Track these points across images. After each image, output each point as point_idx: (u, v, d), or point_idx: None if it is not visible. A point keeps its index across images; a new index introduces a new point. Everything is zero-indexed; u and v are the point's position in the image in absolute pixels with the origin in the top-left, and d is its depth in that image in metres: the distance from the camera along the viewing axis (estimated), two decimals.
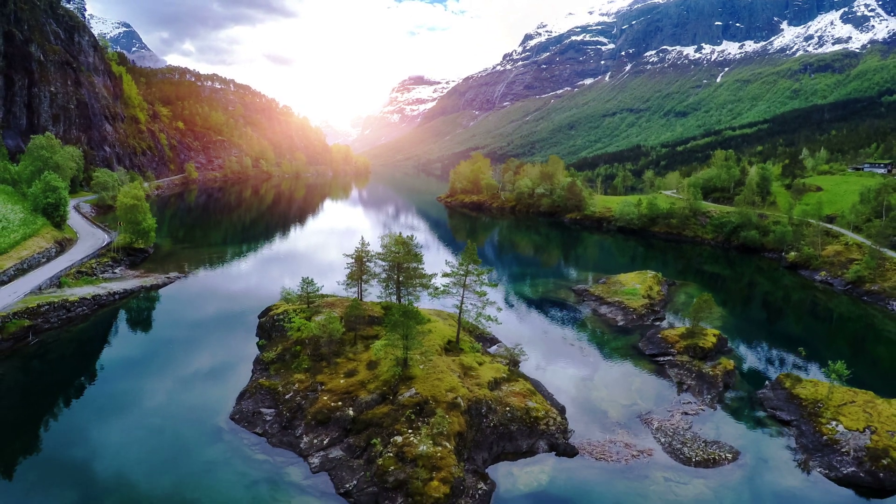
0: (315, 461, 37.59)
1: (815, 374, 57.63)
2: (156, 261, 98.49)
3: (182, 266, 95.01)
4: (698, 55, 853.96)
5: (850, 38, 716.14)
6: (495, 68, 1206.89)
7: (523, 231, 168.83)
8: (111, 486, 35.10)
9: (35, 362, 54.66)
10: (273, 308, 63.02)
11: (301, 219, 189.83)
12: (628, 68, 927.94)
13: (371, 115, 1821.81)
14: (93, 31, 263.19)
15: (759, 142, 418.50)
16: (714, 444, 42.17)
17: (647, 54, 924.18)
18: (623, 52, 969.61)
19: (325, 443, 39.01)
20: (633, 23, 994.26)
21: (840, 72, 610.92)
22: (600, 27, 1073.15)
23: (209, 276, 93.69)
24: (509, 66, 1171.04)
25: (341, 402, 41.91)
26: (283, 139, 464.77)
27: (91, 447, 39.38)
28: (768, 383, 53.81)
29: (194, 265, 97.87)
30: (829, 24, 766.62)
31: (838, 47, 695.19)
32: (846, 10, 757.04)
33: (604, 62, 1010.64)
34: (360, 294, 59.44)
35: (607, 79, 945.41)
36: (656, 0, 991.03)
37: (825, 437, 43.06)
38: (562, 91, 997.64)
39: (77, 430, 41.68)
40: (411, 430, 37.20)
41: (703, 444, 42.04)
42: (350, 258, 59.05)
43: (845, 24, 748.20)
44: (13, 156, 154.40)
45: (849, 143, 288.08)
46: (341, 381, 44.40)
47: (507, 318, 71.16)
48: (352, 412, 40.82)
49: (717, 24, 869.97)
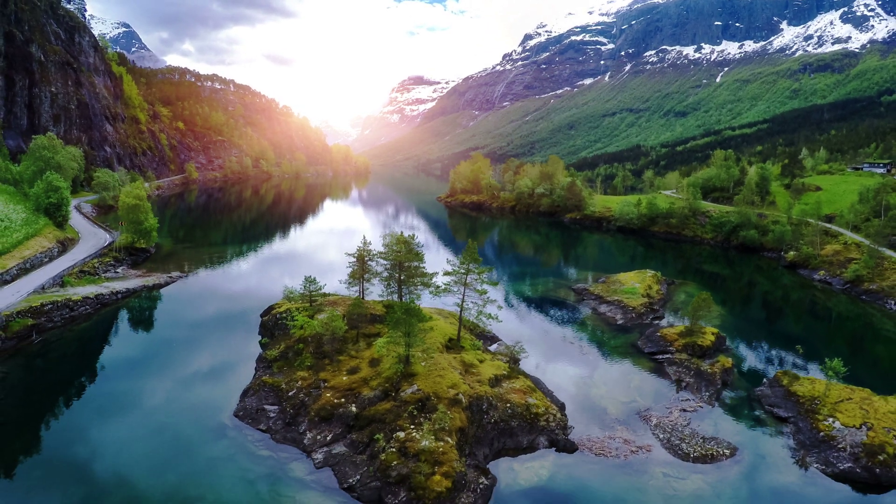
0: (319, 457, 38.05)
1: (812, 371, 57.95)
2: (157, 260, 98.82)
3: (183, 266, 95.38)
4: (698, 55, 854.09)
5: (849, 37, 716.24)
6: (495, 68, 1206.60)
7: (523, 231, 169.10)
8: (116, 482, 35.35)
9: (39, 361, 54.86)
10: (275, 307, 63.52)
11: (301, 219, 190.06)
12: (628, 68, 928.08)
13: (371, 115, 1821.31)
14: (93, 31, 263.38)
15: (759, 142, 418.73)
16: (712, 441, 42.63)
17: (647, 54, 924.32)
18: (623, 52, 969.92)
19: (329, 439, 39.48)
20: (633, 23, 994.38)
21: (839, 72, 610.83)
22: (600, 27, 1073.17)
23: (210, 275, 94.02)
24: (509, 66, 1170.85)
25: (344, 399, 42.39)
26: (283, 139, 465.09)
27: (95, 445, 39.61)
28: (766, 381, 54.15)
29: (195, 265, 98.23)
30: (829, 23, 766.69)
31: (838, 47, 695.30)
32: (846, 9, 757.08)
33: (603, 62, 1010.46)
34: (361, 293, 59.89)
35: (607, 79, 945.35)
36: (656, 0, 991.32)
37: (822, 434, 43.47)
38: (561, 91, 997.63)
39: (81, 428, 41.85)
40: (413, 426, 37.68)
41: (701, 441, 42.50)
42: (352, 257, 59.49)
43: (845, 23, 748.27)
44: (14, 156, 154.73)
45: (848, 142, 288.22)
46: (344, 378, 44.90)
47: (508, 317, 71.70)
48: (355, 408, 41.32)
49: (716, 24, 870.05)
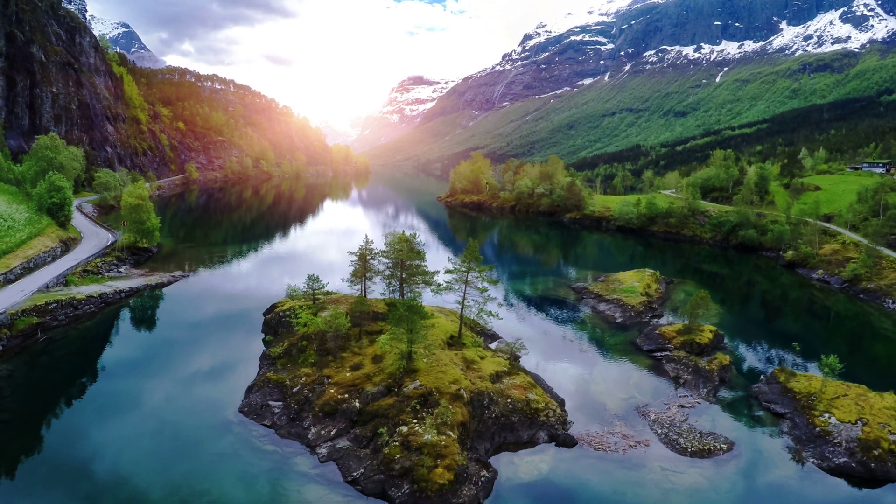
0: (323, 451, 38.67)
1: (810, 369, 58.17)
2: (159, 260, 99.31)
3: (185, 265, 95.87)
4: (697, 55, 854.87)
5: (849, 37, 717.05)
6: (494, 68, 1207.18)
7: (523, 230, 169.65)
8: (121, 478, 35.74)
9: (44, 359, 55.25)
10: (278, 305, 64.24)
11: (301, 219, 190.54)
12: (627, 68, 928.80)
13: (371, 115, 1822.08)
14: (93, 31, 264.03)
15: (759, 141, 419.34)
16: (709, 436, 43.23)
17: (647, 54, 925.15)
18: (622, 52, 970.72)
19: (333, 433, 40.10)
20: (633, 23, 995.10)
21: (839, 71, 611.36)
22: (599, 27, 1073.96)
23: (212, 275, 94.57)
24: (508, 67, 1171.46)
25: (348, 395, 43.03)
26: (283, 139, 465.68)
27: (100, 441, 39.99)
28: (763, 378, 54.66)
29: (197, 264, 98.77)
30: (829, 23, 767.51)
31: (837, 47, 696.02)
32: (845, 9, 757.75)
33: (603, 62, 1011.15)
34: (364, 291, 60.52)
35: (606, 79, 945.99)
36: (655, 0, 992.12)
37: (818, 429, 44.03)
38: (561, 91, 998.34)
39: (86, 425, 42.23)
40: (416, 421, 38.30)
41: (698, 436, 43.11)
42: (354, 256, 60.14)
43: (844, 23, 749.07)
44: (15, 156, 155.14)
45: (848, 142, 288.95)
46: (347, 375, 45.57)
47: (508, 316, 72.31)
48: (358, 404, 41.96)
49: (716, 23, 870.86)
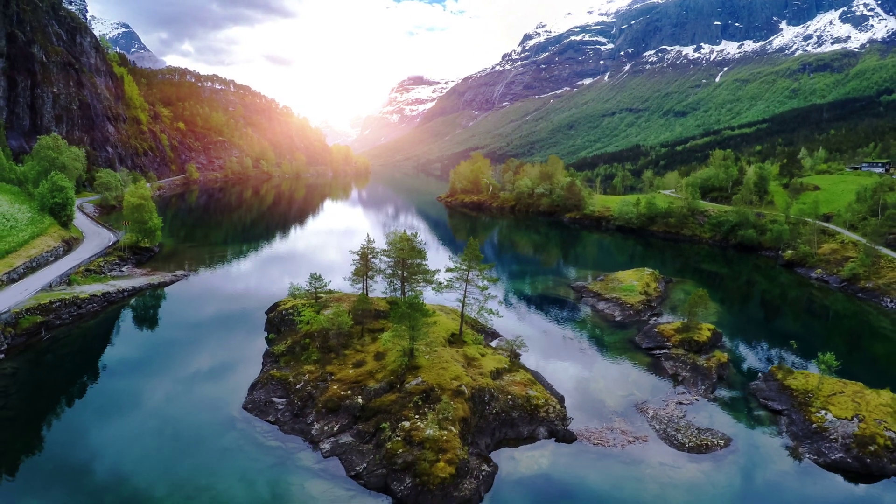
0: (326, 446, 39.25)
1: (808, 367, 58.70)
2: (160, 260, 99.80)
3: (187, 265, 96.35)
4: (697, 55, 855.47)
5: (848, 37, 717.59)
6: (494, 68, 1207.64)
7: (523, 230, 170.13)
8: (126, 474, 36.20)
9: (48, 357, 55.73)
10: (280, 304, 64.89)
11: (302, 219, 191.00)
12: (627, 68, 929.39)
13: (370, 115, 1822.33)
14: (93, 31, 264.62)
15: (759, 141, 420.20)
16: (707, 431, 43.76)
17: (647, 54, 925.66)
18: (622, 52, 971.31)
19: (336, 429, 40.68)
20: (633, 23, 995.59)
21: (839, 71, 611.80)
22: (599, 27, 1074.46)
23: (213, 274, 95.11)
24: (508, 67, 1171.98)
25: (350, 391, 43.63)
26: (284, 140, 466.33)
27: (105, 438, 40.44)
28: (761, 375, 55.15)
29: (199, 264, 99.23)
30: (828, 23, 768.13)
31: (837, 47, 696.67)
32: (845, 9, 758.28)
33: (603, 62, 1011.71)
34: (365, 289, 61.08)
35: (606, 79, 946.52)
36: (655, 0, 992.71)
37: (815, 425, 44.55)
38: (561, 91, 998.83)
39: (91, 422, 42.67)
40: (418, 416, 38.90)
41: (696, 431, 43.65)
42: (355, 255, 60.70)
43: (844, 23, 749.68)
44: (17, 156, 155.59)
45: (847, 142, 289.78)
46: (350, 371, 46.17)
47: (508, 315, 72.92)
48: (361, 400, 42.56)
49: (716, 23, 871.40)
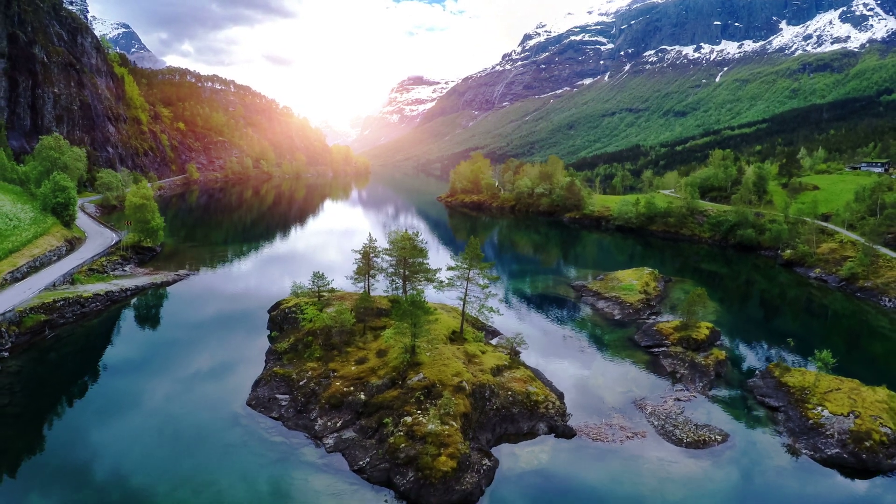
0: (329, 442, 39.84)
1: (807, 365, 59.23)
2: (162, 259, 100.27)
3: (189, 264, 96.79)
4: (697, 55, 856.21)
5: (848, 37, 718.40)
6: (494, 68, 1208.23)
7: (523, 230, 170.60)
8: (131, 469, 36.65)
9: (52, 355, 56.20)
10: (283, 302, 65.57)
11: (302, 219, 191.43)
12: (627, 68, 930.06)
13: (370, 115, 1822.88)
14: (94, 32, 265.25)
15: (758, 141, 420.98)
16: (704, 427, 44.31)
17: (646, 54, 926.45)
18: (622, 52, 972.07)
19: (339, 425, 41.28)
20: (632, 22, 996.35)
21: (839, 71, 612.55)
22: (599, 27, 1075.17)
23: (215, 274, 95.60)
24: (508, 67, 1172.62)
25: (353, 388, 44.25)
26: (284, 140, 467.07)
27: (110, 435, 40.89)
28: (758, 373, 55.65)
29: (200, 264, 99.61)
30: (828, 23, 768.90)
31: (837, 47, 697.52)
32: (845, 9, 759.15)
33: (603, 62, 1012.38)
34: (367, 288, 61.66)
35: (606, 79, 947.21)
36: (655, 0, 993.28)
37: (811, 422, 45.07)
38: (561, 91, 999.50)
39: (95, 420, 43.08)
40: (420, 411, 39.52)
41: (693, 427, 44.20)
42: (357, 254, 61.31)
43: (844, 23, 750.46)
44: (18, 156, 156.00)
45: (847, 142, 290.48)
46: (353, 368, 46.81)
47: (508, 314, 73.57)
48: (363, 396, 43.18)
49: (715, 23, 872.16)
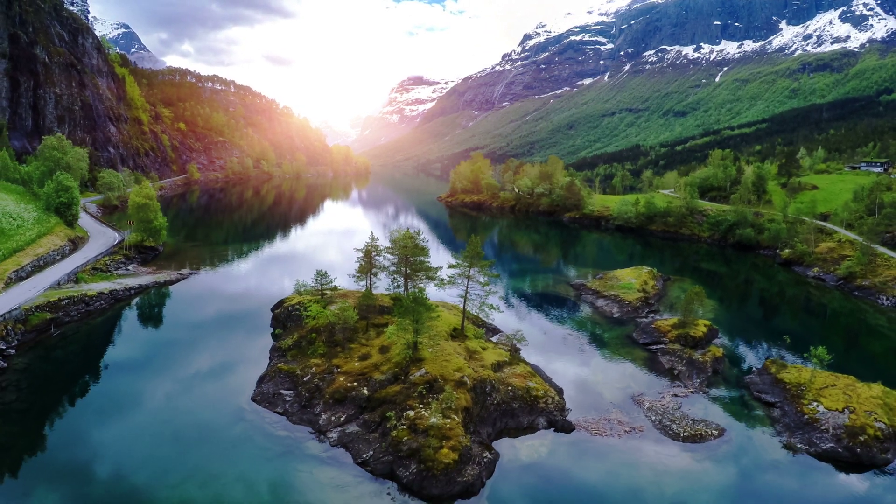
0: (333, 436, 40.64)
1: (804, 362, 60.03)
2: (164, 259, 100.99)
3: (191, 263, 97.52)
4: (697, 55, 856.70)
5: (848, 37, 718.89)
6: (494, 68, 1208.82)
7: (523, 230, 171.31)
8: (138, 464, 37.32)
9: (58, 352, 56.81)
10: (286, 300, 66.41)
11: (302, 219, 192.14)
12: (627, 68, 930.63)
13: (370, 115, 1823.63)
14: (94, 32, 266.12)
15: (758, 141, 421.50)
16: (701, 422, 45.06)
17: (646, 54, 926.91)
18: (622, 52, 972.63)
19: (343, 419, 42.09)
20: (632, 23, 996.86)
21: (838, 71, 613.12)
22: (599, 27, 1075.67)
23: (217, 273, 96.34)
24: (508, 67, 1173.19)
25: (356, 383, 45.05)
26: (284, 140, 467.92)
27: (117, 431, 41.53)
28: (755, 369, 56.48)
29: (202, 263, 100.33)
30: (828, 23, 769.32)
31: (837, 46, 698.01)
32: (845, 9, 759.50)
33: (603, 62, 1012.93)
34: (369, 286, 62.41)
35: (606, 79, 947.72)
36: (655, 0, 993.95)
37: (806, 417, 45.80)
38: (561, 91, 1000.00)
39: (102, 416, 43.69)
40: (422, 405, 40.33)
41: (690, 422, 44.96)
42: (359, 252, 62.08)
43: (844, 23, 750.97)
44: (19, 156, 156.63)
45: (846, 142, 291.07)
46: (356, 364, 47.63)
47: (508, 311, 74.61)
48: (366, 391, 43.97)
49: (715, 23, 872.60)
